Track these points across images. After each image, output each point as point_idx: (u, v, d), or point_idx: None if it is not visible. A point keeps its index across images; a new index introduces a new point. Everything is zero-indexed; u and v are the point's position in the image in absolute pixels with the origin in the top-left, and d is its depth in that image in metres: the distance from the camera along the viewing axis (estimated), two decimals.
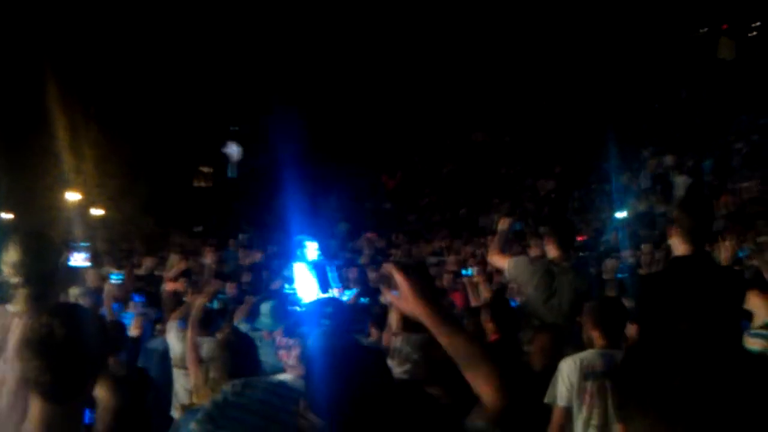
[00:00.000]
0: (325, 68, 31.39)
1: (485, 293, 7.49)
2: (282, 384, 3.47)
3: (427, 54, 31.54)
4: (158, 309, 9.28)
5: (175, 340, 6.63)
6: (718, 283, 4.13)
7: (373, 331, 6.45)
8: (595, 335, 4.71)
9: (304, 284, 9.31)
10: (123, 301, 9.75)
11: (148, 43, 28.66)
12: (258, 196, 28.02)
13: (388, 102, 31.85)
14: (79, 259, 3.77)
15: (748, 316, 5.39)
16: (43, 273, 3.29)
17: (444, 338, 2.45)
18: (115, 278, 8.99)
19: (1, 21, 24.72)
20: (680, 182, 19.58)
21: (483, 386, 2.45)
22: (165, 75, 29.59)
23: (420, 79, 31.80)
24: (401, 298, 2.51)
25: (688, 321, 3.66)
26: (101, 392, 3.33)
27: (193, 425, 3.07)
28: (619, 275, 11.21)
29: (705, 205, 4.53)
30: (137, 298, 9.72)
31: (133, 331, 7.84)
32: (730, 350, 1.29)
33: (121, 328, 6.62)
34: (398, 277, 2.52)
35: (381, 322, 6.36)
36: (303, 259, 9.57)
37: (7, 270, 3.27)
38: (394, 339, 5.83)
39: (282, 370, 5.59)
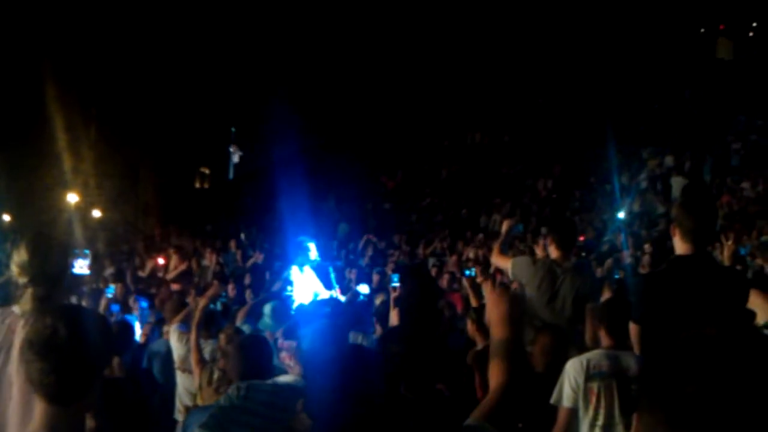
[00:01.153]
0: (325, 70, 31.41)
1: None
2: (286, 386, 3.47)
3: (426, 55, 31.57)
4: (159, 311, 9.28)
5: (177, 342, 6.64)
6: (719, 283, 4.11)
7: (378, 328, 6.46)
8: (602, 335, 4.70)
9: (301, 286, 9.33)
10: (123, 303, 9.74)
11: (148, 46, 28.66)
12: (257, 197, 28.01)
13: (388, 103, 31.86)
14: (81, 266, 3.76)
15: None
16: (50, 274, 3.31)
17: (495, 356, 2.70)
18: (110, 292, 8.96)
19: (1, 21, 24.71)
20: (676, 183, 19.61)
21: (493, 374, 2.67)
22: (165, 77, 29.58)
23: (419, 80, 31.83)
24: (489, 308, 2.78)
25: (702, 324, 3.65)
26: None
27: (199, 430, 3.07)
28: (616, 275, 11.19)
29: (706, 204, 4.51)
30: (141, 302, 9.70)
31: (141, 339, 7.85)
32: (746, 351, 1.28)
33: (129, 329, 6.62)
34: (493, 296, 2.81)
35: (384, 319, 6.41)
36: (305, 260, 9.59)
37: (15, 270, 3.29)
38: None
39: (284, 371, 5.60)
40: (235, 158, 36.30)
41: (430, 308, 6.00)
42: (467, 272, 9.38)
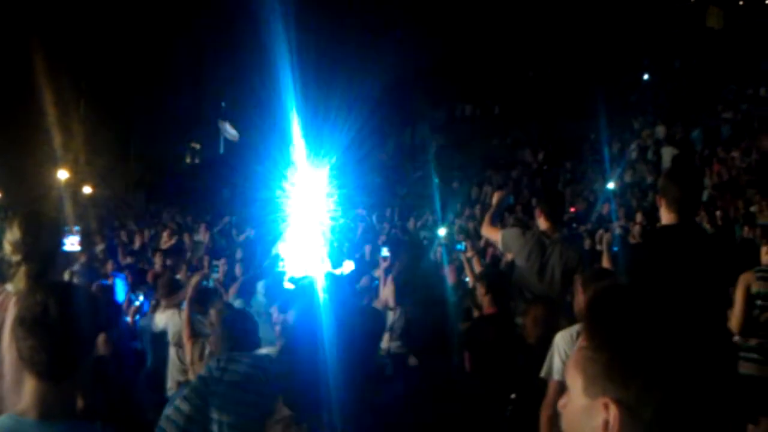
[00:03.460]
0: (315, 42, 31.25)
1: (477, 267, 7.51)
2: (265, 357, 3.49)
3: (415, 28, 31.44)
4: (149, 286, 9.28)
5: (173, 318, 6.66)
6: (705, 252, 4.14)
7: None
8: None
9: (291, 261, 9.33)
10: (107, 277, 9.73)
11: (138, 21, 28.46)
12: (247, 171, 27.96)
13: (378, 76, 31.73)
14: (71, 243, 3.77)
15: None
16: (43, 252, 3.31)
17: None
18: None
19: None
20: (667, 153, 19.62)
21: None
22: (155, 52, 29.41)
23: (409, 53, 31.69)
24: None
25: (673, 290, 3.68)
26: None
27: (179, 401, 3.10)
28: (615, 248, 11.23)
29: (692, 174, 4.52)
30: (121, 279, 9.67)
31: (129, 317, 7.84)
32: (711, 330, 1.31)
33: (115, 306, 6.63)
34: None
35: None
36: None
37: (7, 248, 3.30)
38: (390, 314, 5.87)
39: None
40: (229, 135, 36.02)
41: (425, 280, 6.06)
42: (458, 246, 9.41)
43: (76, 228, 3.94)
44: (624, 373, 1.26)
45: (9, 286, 3.30)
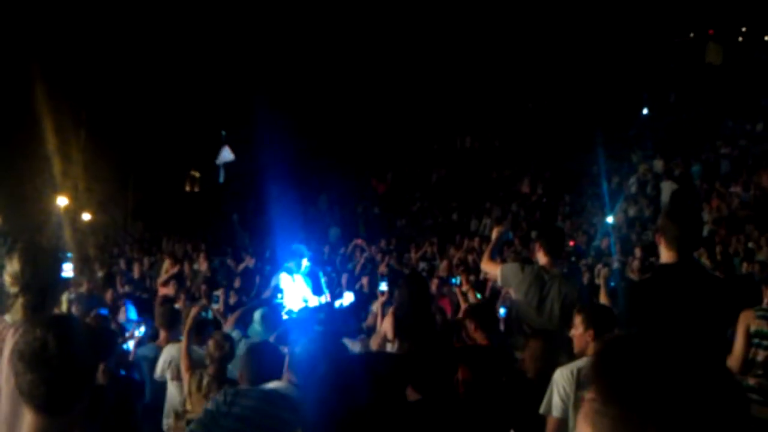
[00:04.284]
0: (316, 73, 31.41)
1: (473, 302, 7.49)
2: (274, 392, 3.48)
3: (416, 59, 31.60)
4: (149, 315, 9.23)
5: (169, 349, 6.64)
6: (704, 291, 4.14)
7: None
8: (590, 342, 4.64)
9: (291, 293, 9.31)
10: (111, 308, 9.68)
11: (139, 49, 28.60)
12: (248, 200, 27.98)
13: (378, 107, 31.86)
14: (66, 270, 3.76)
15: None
16: (43, 284, 3.31)
17: None
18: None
19: None
20: (666, 188, 19.63)
21: None
22: (155, 80, 29.52)
23: (409, 84, 31.84)
24: None
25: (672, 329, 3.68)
26: None
27: None
28: (612, 283, 11.19)
29: (691, 213, 4.53)
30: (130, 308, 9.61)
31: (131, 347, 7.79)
32: (709, 367, 1.31)
33: (112, 336, 6.59)
34: None
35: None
36: (296, 268, 9.55)
37: (7, 279, 3.29)
38: (389, 346, 5.86)
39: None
40: (226, 159, 35.97)
41: (425, 313, 6.06)
42: (453, 280, 9.38)
43: (68, 254, 3.93)
44: (633, 427, 1.26)
45: (7, 317, 3.30)
